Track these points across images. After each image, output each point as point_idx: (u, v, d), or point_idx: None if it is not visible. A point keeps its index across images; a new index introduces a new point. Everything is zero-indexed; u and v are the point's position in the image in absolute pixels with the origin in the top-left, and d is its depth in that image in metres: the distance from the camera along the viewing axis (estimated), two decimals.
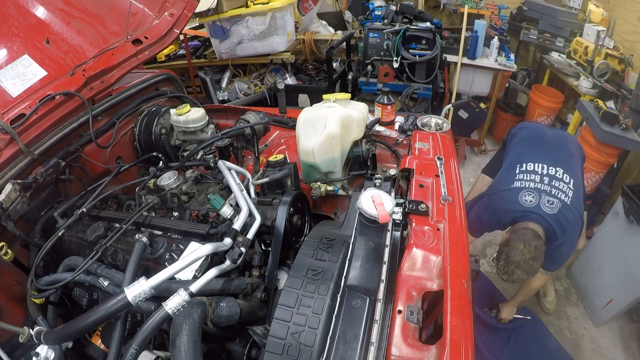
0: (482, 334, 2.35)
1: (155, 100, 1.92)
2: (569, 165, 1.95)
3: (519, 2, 4.40)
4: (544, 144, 2.09)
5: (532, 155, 1.98)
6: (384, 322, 0.88)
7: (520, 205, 1.83)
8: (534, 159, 1.95)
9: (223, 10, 3.26)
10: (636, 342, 2.37)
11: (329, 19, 4.01)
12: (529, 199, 1.83)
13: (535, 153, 2.00)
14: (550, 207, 1.80)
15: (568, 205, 1.82)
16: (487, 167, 2.52)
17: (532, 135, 2.19)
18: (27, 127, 1.38)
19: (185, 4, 1.88)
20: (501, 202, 1.91)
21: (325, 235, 1.04)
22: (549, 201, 1.81)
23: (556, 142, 2.12)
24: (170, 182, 1.35)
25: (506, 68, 3.56)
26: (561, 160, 1.96)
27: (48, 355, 0.94)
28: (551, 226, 1.79)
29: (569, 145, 2.14)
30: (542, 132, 2.22)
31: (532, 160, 1.95)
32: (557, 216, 1.79)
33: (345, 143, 1.49)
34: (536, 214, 1.80)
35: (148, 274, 0.90)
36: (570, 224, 1.82)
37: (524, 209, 1.82)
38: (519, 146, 2.13)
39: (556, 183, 1.85)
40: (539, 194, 1.82)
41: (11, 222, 1.26)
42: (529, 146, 2.09)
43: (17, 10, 1.57)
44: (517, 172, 1.94)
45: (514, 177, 1.93)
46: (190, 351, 0.78)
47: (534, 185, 1.85)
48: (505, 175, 2.01)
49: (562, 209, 1.80)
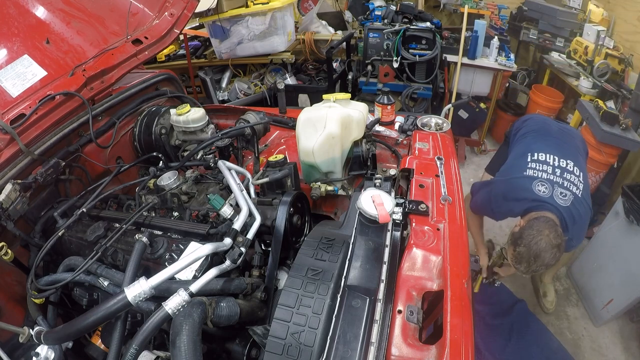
0: (482, 334, 2.35)
1: (155, 100, 1.92)
2: (577, 159, 1.91)
3: (519, 2, 4.40)
4: (550, 136, 2.04)
5: (542, 146, 1.92)
6: (384, 322, 0.88)
7: (534, 194, 1.75)
8: (544, 149, 1.89)
9: (223, 10, 3.26)
10: (636, 342, 2.37)
11: (329, 19, 4.02)
12: (542, 189, 1.76)
13: (544, 144, 1.94)
14: (563, 200, 1.74)
15: (580, 198, 1.77)
16: (490, 165, 2.48)
17: (539, 127, 2.13)
18: (27, 127, 1.38)
19: (185, 4, 1.88)
20: (514, 190, 1.83)
21: (325, 235, 1.04)
22: (562, 193, 1.75)
23: (563, 135, 2.08)
24: (170, 182, 1.35)
25: (506, 68, 3.55)
26: (569, 153, 1.92)
27: (48, 355, 0.94)
28: (564, 218, 1.73)
29: (575, 140, 2.11)
30: (548, 124, 2.18)
31: (543, 150, 1.89)
32: (569, 209, 1.73)
33: (345, 143, 1.49)
34: (551, 204, 1.73)
35: (148, 274, 0.90)
36: (581, 217, 1.77)
37: (539, 199, 1.74)
38: (527, 137, 2.07)
39: (568, 175, 1.80)
40: (552, 186, 1.76)
41: (11, 222, 1.26)
42: (538, 137, 2.03)
43: (17, 10, 1.57)
44: (528, 161, 1.87)
45: (525, 165, 1.85)
46: (190, 351, 0.78)
47: (547, 176, 1.79)
48: (516, 163, 1.93)
49: (574, 202, 1.75)
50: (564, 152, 1.90)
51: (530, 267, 1.61)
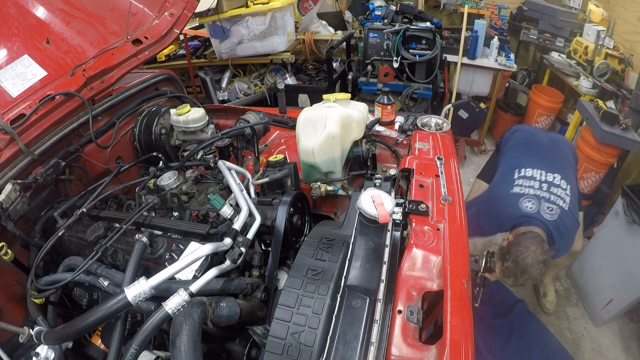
0: (482, 334, 2.35)
1: (155, 100, 1.92)
2: (565, 171, 1.95)
3: (519, 2, 4.40)
4: (539, 149, 2.09)
5: (529, 161, 1.97)
6: (384, 322, 0.88)
7: (521, 211, 1.82)
8: (531, 164, 1.94)
9: (223, 10, 3.26)
10: (636, 342, 2.37)
11: (329, 19, 4.01)
12: (529, 205, 1.82)
13: (532, 158, 1.99)
14: (550, 214, 1.80)
15: (566, 212, 1.82)
16: (482, 172, 2.51)
17: (527, 139, 2.18)
18: (27, 127, 1.38)
19: (185, 4, 1.88)
20: (502, 207, 1.90)
21: (325, 235, 1.04)
22: (549, 207, 1.81)
23: (551, 147, 2.12)
24: (170, 182, 1.35)
25: (506, 68, 3.55)
26: (557, 166, 1.96)
27: (48, 355, 0.94)
28: (551, 232, 1.79)
29: (563, 148, 2.15)
30: (537, 135, 2.22)
31: (530, 165, 1.94)
32: (556, 222, 1.79)
33: (345, 143, 1.49)
34: (538, 219, 1.79)
35: (148, 274, 0.90)
36: (568, 230, 1.82)
37: (526, 214, 1.81)
38: (516, 150, 2.12)
39: (554, 190, 1.85)
40: (538, 201, 1.82)
41: (11, 222, 1.26)
42: (526, 151, 2.08)
43: (17, 10, 1.57)
44: (515, 178, 1.93)
45: (512, 182, 1.92)
46: (190, 351, 0.78)
47: (533, 192, 1.85)
48: (503, 179, 2.00)
49: (560, 215, 1.80)
50: (552, 165, 1.95)
51: (518, 281, 1.68)
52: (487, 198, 2.03)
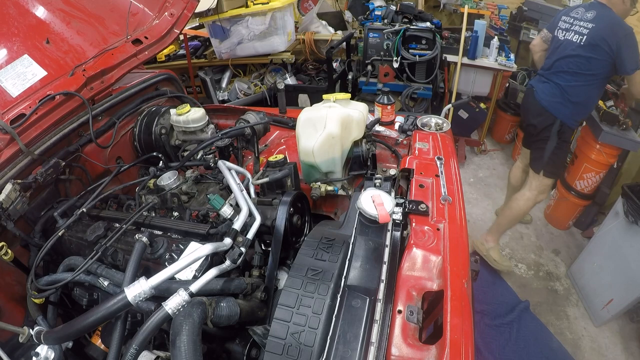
0: (482, 334, 2.35)
1: (155, 100, 1.92)
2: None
3: (519, 2, 4.40)
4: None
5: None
6: (384, 322, 0.88)
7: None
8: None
9: (223, 10, 3.26)
10: (636, 342, 2.37)
11: (329, 19, 4.02)
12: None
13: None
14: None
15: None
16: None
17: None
18: (27, 127, 1.38)
19: (185, 4, 1.88)
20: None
21: (325, 235, 1.04)
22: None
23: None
24: (170, 182, 1.35)
25: (506, 68, 3.55)
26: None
27: (48, 355, 0.94)
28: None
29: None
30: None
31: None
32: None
33: (345, 143, 1.49)
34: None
35: (148, 274, 0.90)
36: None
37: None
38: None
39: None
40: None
41: (11, 222, 1.26)
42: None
43: (17, 10, 1.57)
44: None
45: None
46: (190, 351, 0.78)
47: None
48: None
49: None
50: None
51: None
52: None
